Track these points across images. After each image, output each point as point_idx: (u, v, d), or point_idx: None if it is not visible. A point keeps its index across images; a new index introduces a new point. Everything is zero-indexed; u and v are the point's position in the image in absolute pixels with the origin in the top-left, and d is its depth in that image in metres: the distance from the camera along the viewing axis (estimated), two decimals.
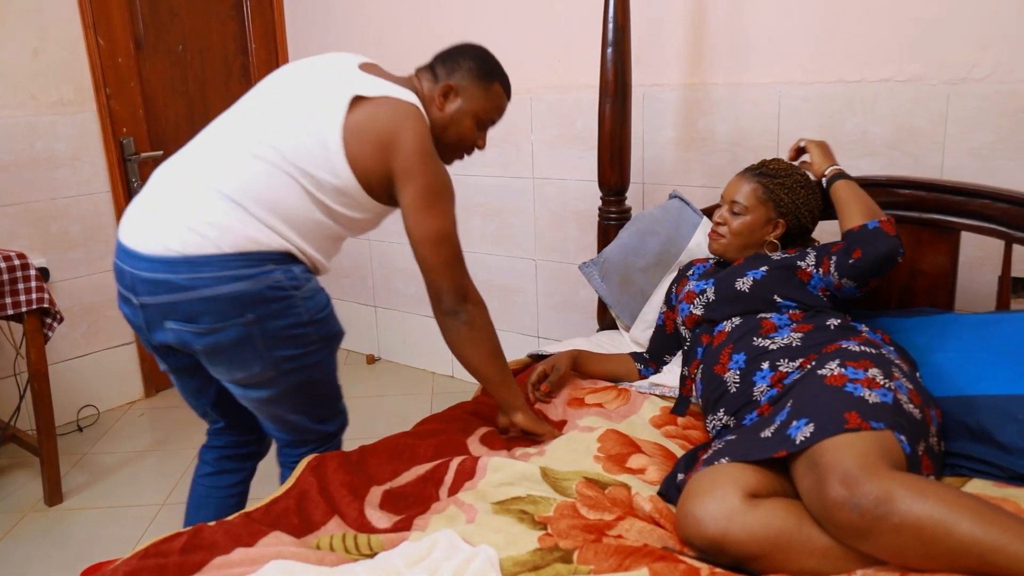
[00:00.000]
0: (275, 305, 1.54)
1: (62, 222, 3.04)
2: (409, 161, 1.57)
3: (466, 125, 1.73)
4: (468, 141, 1.76)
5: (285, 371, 1.61)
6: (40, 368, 2.50)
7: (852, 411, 1.33)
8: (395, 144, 1.56)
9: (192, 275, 1.48)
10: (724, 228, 1.90)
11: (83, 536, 2.38)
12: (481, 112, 1.74)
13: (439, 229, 1.60)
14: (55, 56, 2.95)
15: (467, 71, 1.72)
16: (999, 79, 2.02)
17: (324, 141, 1.54)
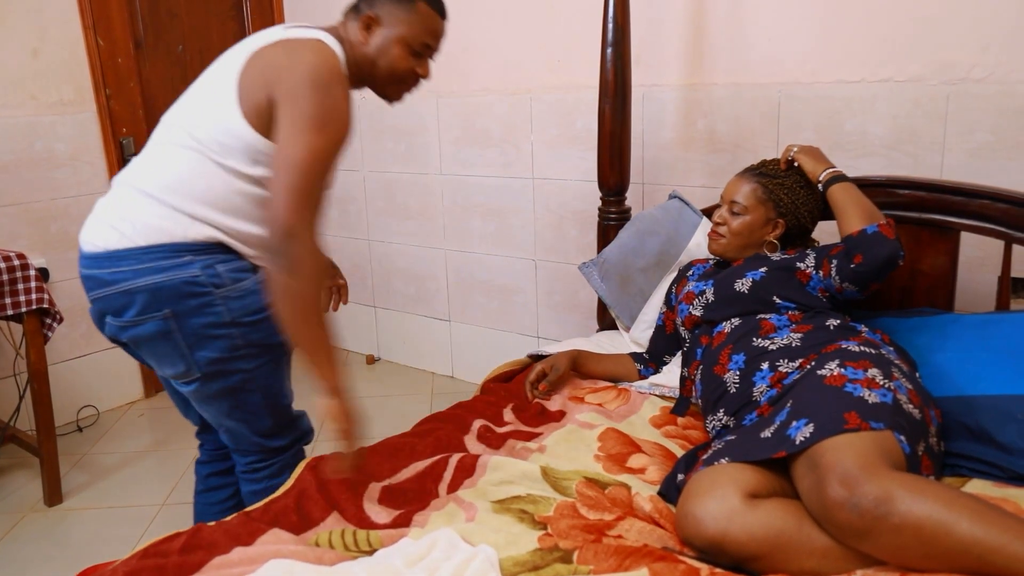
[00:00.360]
0: (192, 302, 1.50)
1: (62, 222, 3.04)
2: (291, 88, 1.41)
3: (395, 54, 1.58)
4: (403, 70, 1.60)
5: (211, 374, 1.56)
6: (40, 368, 2.50)
7: (852, 411, 1.33)
8: (280, 77, 1.42)
9: (113, 269, 1.50)
10: (724, 228, 1.89)
11: (83, 536, 2.38)
12: (409, 36, 1.58)
13: (296, 155, 1.37)
14: (55, 56, 2.95)
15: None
16: (998, 79, 2.02)
17: (220, 102, 1.47)
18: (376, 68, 1.59)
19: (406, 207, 3.44)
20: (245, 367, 1.58)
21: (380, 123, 3.43)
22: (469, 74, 3.09)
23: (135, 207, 1.51)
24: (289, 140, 1.38)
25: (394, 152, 3.42)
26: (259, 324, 1.56)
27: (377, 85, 1.62)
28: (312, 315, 1.42)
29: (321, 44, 1.47)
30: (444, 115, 3.21)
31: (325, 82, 1.41)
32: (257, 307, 1.54)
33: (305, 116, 1.39)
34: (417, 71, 1.63)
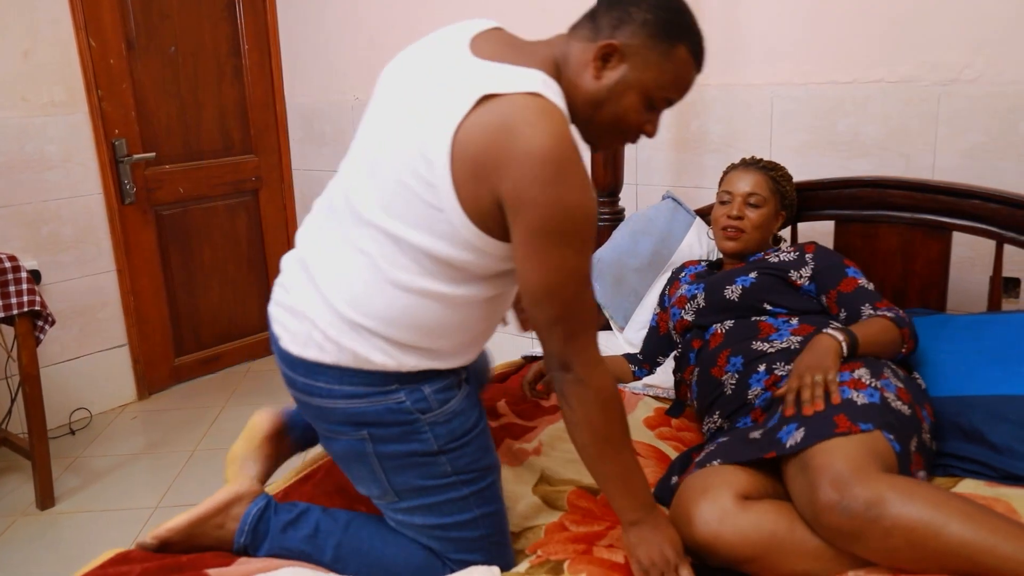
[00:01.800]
0: (395, 429, 1.28)
1: (54, 224, 3.03)
2: (517, 186, 1.11)
3: (629, 103, 1.23)
4: (630, 125, 1.26)
5: (413, 507, 1.33)
6: (31, 371, 2.49)
7: (841, 414, 1.34)
8: (500, 166, 1.11)
9: (308, 380, 1.30)
10: (745, 223, 1.85)
11: (75, 540, 2.37)
12: (653, 86, 1.23)
13: (543, 281, 1.15)
14: (46, 57, 2.94)
15: (641, 25, 1.21)
16: (990, 80, 2.03)
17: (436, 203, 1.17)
18: (599, 112, 1.25)
19: None
20: (450, 498, 1.32)
21: None
22: None
23: (329, 325, 1.26)
24: (530, 263, 1.15)
25: None
26: (468, 448, 1.33)
27: (591, 129, 1.28)
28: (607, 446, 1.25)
29: (543, 105, 1.14)
30: None
31: (557, 172, 1.10)
32: (464, 430, 1.32)
33: (543, 230, 1.12)
34: (645, 128, 1.28)
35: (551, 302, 1.17)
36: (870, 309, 1.66)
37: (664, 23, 1.22)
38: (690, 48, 1.25)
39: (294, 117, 3.72)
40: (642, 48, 1.21)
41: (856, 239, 2.04)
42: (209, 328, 3.63)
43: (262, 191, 3.73)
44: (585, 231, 1.16)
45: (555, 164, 1.10)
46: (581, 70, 1.24)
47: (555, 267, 1.15)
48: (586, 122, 1.26)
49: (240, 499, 1.41)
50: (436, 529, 1.33)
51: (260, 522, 1.38)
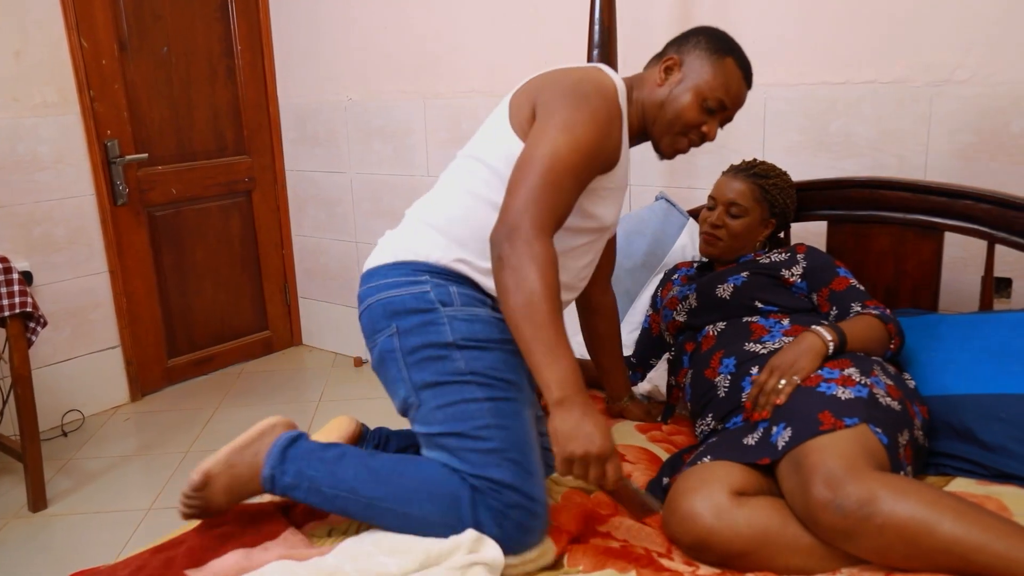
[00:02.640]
0: (416, 318, 1.39)
1: (46, 225, 3.02)
2: (550, 96, 1.40)
3: (686, 102, 1.49)
4: (688, 121, 1.50)
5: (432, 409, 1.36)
6: (23, 372, 2.48)
7: (825, 411, 1.35)
8: (543, 88, 1.43)
9: (365, 286, 1.50)
10: (722, 231, 1.86)
11: (68, 542, 2.36)
12: (706, 89, 1.49)
13: (535, 154, 1.32)
14: (37, 58, 2.93)
15: (695, 44, 1.53)
16: (981, 81, 2.04)
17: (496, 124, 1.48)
18: (662, 112, 1.51)
19: (393, 209, 3.43)
20: (470, 396, 1.34)
21: (367, 125, 3.42)
22: (456, 76, 3.09)
23: (399, 229, 1.56)
24: (532, 140, 1.35)
25: (381, 154, 3.41)
26: (486, 352, 1.37)
27: (656, 131, 1.54)
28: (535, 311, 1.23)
29: (597, 70, 1.47)
30: (431, 117, 3.21)
31: (584, 92, 1.39)
32: (486, 336, 1.38)
33: (554, 117, 1.36)
34: (703, 128, 1.52)
35: (530, 167, 1.31)
36: (858, 306, 1.67)
37: (715, 42, 1.52)
38: (737, 62, 1.53)
39: (287, 118, 3.72)
40: (697, 59, 1.51)
41: (848, 239, 2.04)
42: (202, 329, 3.62)
43: (255, 192, 3.73)
44: (591, 138, 1.35)
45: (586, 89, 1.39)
46: (650, 83, 1.53)
47: (550, 141, 1.32)
48: (653, 124, 1.53)
49: (274, 428, 1.45)
50: (452, 437, 1.33)
51: (290, 446, 1.40)
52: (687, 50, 1.52)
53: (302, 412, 3.20)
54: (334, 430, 1.63)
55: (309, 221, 3.80)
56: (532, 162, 1.31)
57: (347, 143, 3.51)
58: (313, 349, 3.96)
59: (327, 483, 1.35)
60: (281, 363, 3.81)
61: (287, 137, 3.75)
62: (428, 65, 3.17)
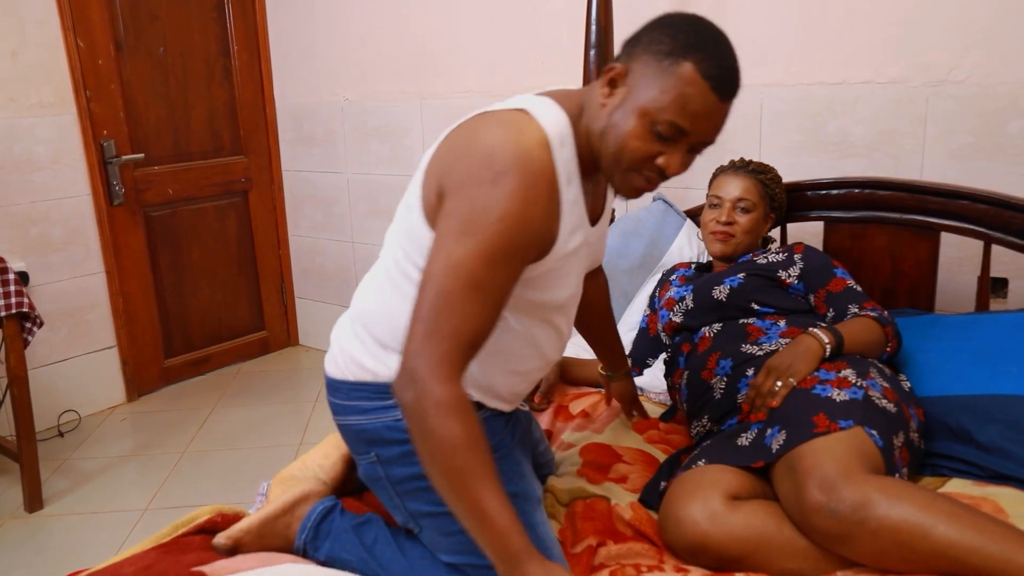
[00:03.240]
0: (395, 448, 1.25)
1: (42, 225, 3.01)
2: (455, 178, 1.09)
3: (628, 128, 1.11)
4: (635, 156, 1.12)
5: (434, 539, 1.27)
6: (19, 373, 2.47)
7: (819, 413, 1.35)
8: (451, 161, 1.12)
9: (331, 398, 1.35)
10: (735, 227, 1.86)
11: (64, 543, 2.36)
12: (653, 108, 1.09)
13: (432, 271, 1.06)
14: (34, 58, 2.92)
15: (647, 45, 1.11)
16: (977, 81, 2.04)
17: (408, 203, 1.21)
18: (604, 142, 1.14)
19: (390, 209, 3.42)
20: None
21: (364, 126, 3.42)
22: (453, 76, 3.09)
23: (344, 336, 1.33)
24: (432, 251, 1.08)
25: (378, 154, 3.41)
26: None
27: (604, 167, 1.17)
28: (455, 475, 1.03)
29: (519, 117, 1.12)
30: (428, 117, 3.21)
31: (495, 172, 1.06)
32: None
33: (453, 217, 1.07)
34: (658, 162, 1.13)
35: (425, 292, 1.06)
36: (856, 308, 1.67)
37: (671, 40, 1.10)
38: (699, 66, 1.08)
39: (284, 118, 3.71)
40: (644, 68, 1.11)
41: (845, 240, 2.04)
42: (199, 330, 3.62)
43: (252, 192, 3.72)
44: (497, 241, 1.04)
45: (496, 167, 1.06)
46: (595, 105, 1.15)
47: (445, 255, 1.05)
48: (599, 158, 1.17)
49: (307, 499, 1.41)
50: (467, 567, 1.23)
51: (324, 521, 1.36)
52: (637, 53, 1.12)
53: (298, 412, 3.19)
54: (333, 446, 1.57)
55: (306, 221, 3.80)
56: (426, 286, 1.06)
57: (344, 143, 3.51)
58: (310, 349, 3.96)
59: (360, 566, 1.28)
60: (278, 363, 3.80)
61: (284, 137, 3.74)
62: (425, 65, 3.17)
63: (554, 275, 1.21)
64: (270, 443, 2.93)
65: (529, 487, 1.32)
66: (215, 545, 1.34)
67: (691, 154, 1.17)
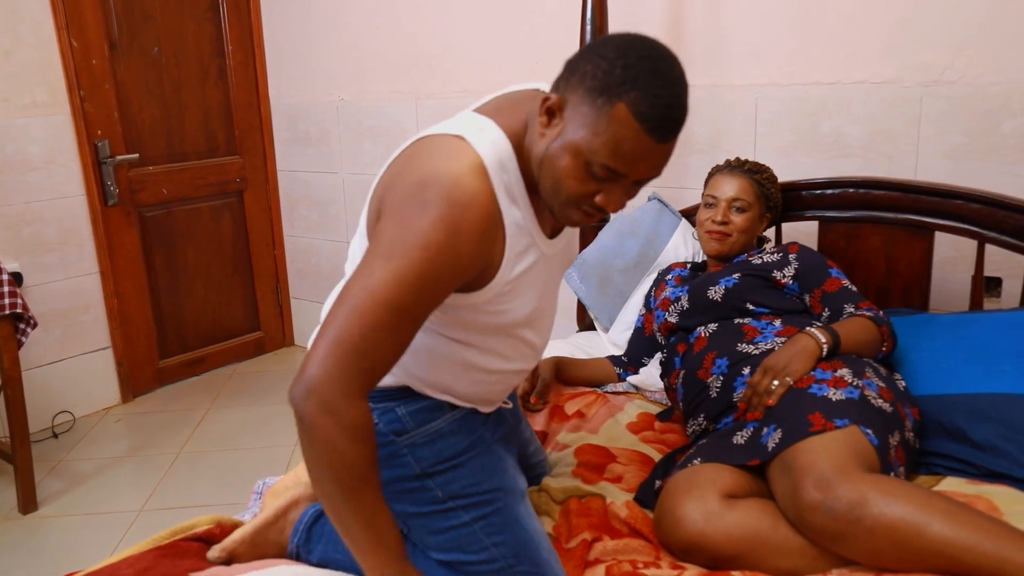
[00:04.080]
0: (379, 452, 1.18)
1: (36, 226, 3.00)
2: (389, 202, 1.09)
3: (564, 166, 1.09)
4: (572, 193, 1.10)
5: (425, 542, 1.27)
6: (13, 374, 2.47)
7: (815, 412, 1.35)
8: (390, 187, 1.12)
9: None
10: (730, 227, 1.87)
11: (58, 544, 2.35)
12: (586, 147, 1.06)
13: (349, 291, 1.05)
14: (27, 58, 2.91)
15: (581, 78, 1.08)
16: (970, 81, 2.04)
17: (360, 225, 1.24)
18: (542, 174, 1.13)
19: None
20: (457, 521, 1.24)
21: (359, 125, 3.42)
22: (448, 75, 3.08)
23: None
24: (357, 267, 1.08)
25: (373, 154, 3.41)
26: (459, 469, 1.26)
27: (544, 195, 1.15)
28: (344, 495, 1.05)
29: (454, 144, 1.10)
30: (423, 117, 3.20)
31: (423, 200, 1.05)
32: (454, 452, 1.26)
33: (381, 238, 1.07)
34: (596, 200, 1.11)
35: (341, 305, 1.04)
36: (851, 308, 1.68)
37: (605, 76, 1.05)
38: (631, 107, 1.03)
39: (279, 118, 3.71)
40: (580, 103, 1.07)
41: (840, 239, 2.05)
42: (193, 330, 3.61)
43: (247, 192, 3.72)
44: (417, 267, 1.03)
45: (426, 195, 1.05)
46: (535, 132, 1.13)
47: (367, 274, 1.04)
48: (539, 185, 1.15)
49: (298, 503, 1.41)
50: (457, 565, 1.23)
51: (316, 523, 1.36)
52: (573, 85, 1.09)
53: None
54: None
55: (301, 221, 3.79)
56: (343, 299, 1.05)
57: (339, 143, 3.51)
58: (305, 350, 3.93)
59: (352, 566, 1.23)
60: (273, 364, 3.80)
61: (279, 137, 3.74)
62: (420, 65, 3.16)
63: (506, 298, 1.19)
64: (265, 444, 2.93)
65: (511, 481, 1.32)
66: (209, 558, 1.34)
67: (635, 187, 1.14)
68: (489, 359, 1.26)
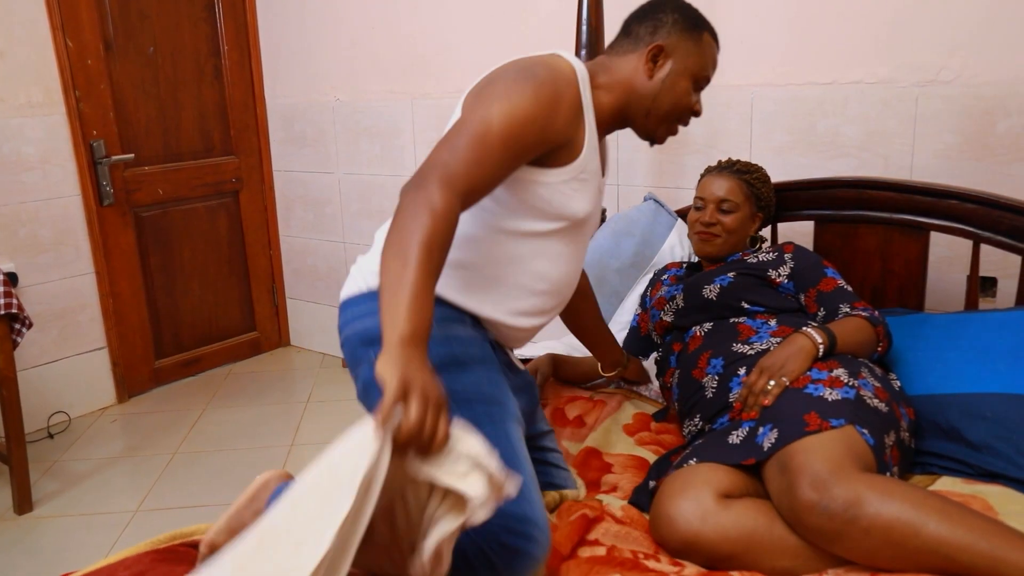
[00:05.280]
0: None
1: (31, 226, 2.99)
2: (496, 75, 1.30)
3: (682, 88, 1.44)
4: (684, 107, 1.46)
5: None
6: (8, 374, 2.46)
7: (811, 412, 1.35)
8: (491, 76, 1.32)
9: (341, 317, 1.42)
10: (718, 227, 1.87)
11: (54, 545, 2.34)
12: (697, 70, 1.44)
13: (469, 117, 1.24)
14: (22, 58, 2.90)
15: (673, 25, 1.43)
16: (965, 82, 2.05)
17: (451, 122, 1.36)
18: (657, 103, 1.43)
19: (382, 209, 3.43)
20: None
21: (356, 125, 3.41)
22: (443, 76, 3.08)
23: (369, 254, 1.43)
24: (467, 108, 1.28)
25: (369, 154, 3.41)
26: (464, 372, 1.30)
27: (651, 123, 1.46)
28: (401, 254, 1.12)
29: (553, 55, 1.36)
30: (419, 117, 3.20)
31: (530, 69, 1.28)
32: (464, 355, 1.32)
33: (494, 87, 1.27)
34: (695, 107, 1.48)
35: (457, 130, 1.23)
36: (847, 308, 1.68)
37: (688, 19, 1.44)
38: (711, 33, 1.48)
39: (275, 118, 3.71)
40: (680, 42, 1.43)
41: (836, 239, 2.05)
42: (189, 330, 3.60)
43: (243, 192, 3.71)
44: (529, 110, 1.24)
45: (536, 68, 1.28)
46: (634, 75, 1.42)
47: (480, 108, 1.24)
48: (645, 116, 1.45)
49: (267, 484, 1.42)
50: None
51: None
52: (666, 34, 1.43)
53: (290, 414, 3.19)
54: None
55: (297, 221, 3.79)
56: (461, 125, 1.24)
57: (335, 143, 3.51)
58: (301, 350, 3.95)
59: None
60: (269, 364, 3.79)
61: (274, 137, 3.74)
62: (416, 65, 3.16)
63: (578, 186, 1.37)
64: (261, 444, 2.93)
65: (511, 403, 1.34)
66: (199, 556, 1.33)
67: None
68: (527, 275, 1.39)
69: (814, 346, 1.52)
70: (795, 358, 1.50)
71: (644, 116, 1.45)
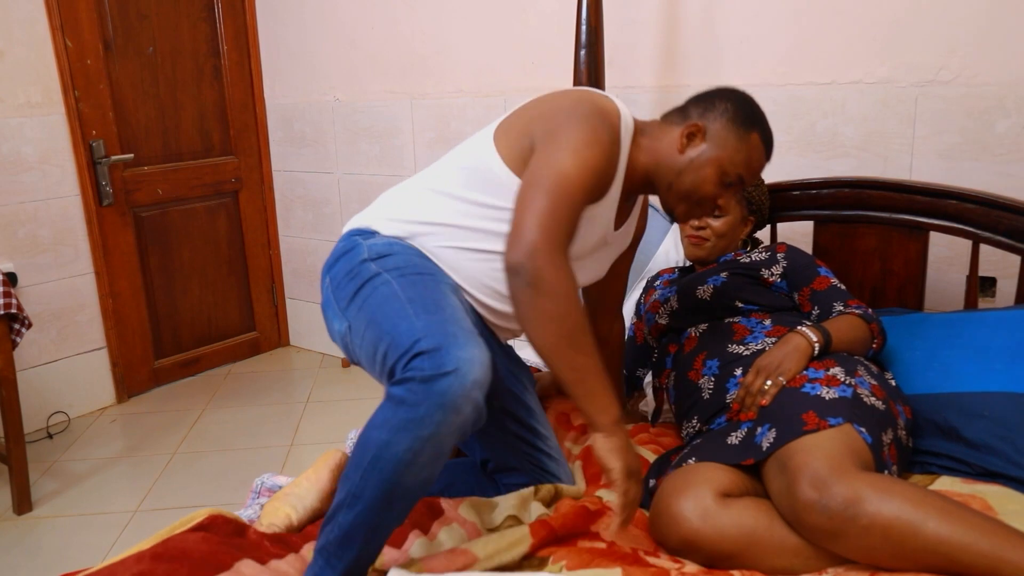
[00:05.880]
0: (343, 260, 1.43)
1: (30, 226, 2.99)
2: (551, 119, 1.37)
3: (706, 175, 1.44)
4: (704, 195, 1.46)
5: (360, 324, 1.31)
6: (8, 374, 2.46)
7: (809, 411, 1.35)
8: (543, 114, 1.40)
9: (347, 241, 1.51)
10: (707, 232, 1.87)
11: (53, 545, 2.34)
12: (728, 163, 1.44)
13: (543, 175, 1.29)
14: (21, 57, 2.90)
15: (722, 112, 1.46)
16: (965, 81, 2.05)
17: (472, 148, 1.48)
18: (679, 180, 1.46)
19: None
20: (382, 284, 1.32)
21: (355, 125, 3.42)
22: (443, 76, 3.09)
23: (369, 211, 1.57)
24: (537, 160, 1.33)
25: (368, 154, 3.41)
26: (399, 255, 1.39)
27: (670, 197, 1.49)
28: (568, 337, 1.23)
29: (595, 93, 1.43)
30: (418, 117, 3.20)
31: (585, 113, 1.35)
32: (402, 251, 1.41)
33: (558, 138, 1.33)
34: (718, 201, 1.49)
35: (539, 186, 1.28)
36: (841, 306, 1.69)
37: (741, 113, 1.46)
38: (762, 136, 1.48)
39: (274, 118, 3.71)
40: (722, 130, 1.45)
41: (835, 239, 2.05)
42: (189, 330, 3.60)
43: (242, 192, 3.71)
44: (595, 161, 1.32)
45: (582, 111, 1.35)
46: (668, 146, 1.46)
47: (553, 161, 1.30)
48: (667, 188, 1.47)
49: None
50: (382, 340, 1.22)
51: None
52: (713, 118, 1.45)
53: (289, 413, 3.19)
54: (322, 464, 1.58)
55: (296, 221, 3.79)
56: (540, 181, 1.28)
57: (334, 143, 3.51)
58: (301, 350, 3.95)
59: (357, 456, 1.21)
60: (269, 364, 3.79)
61: (274, 137, 3.73)
62: (415, 65, 3.16)
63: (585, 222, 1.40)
64: (261, 444, 2.93)
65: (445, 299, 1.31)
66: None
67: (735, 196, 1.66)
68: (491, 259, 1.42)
69: (810, 345, 1.53)
70: (791, 357, 1.50)
71: (666, 189, 1.48)
